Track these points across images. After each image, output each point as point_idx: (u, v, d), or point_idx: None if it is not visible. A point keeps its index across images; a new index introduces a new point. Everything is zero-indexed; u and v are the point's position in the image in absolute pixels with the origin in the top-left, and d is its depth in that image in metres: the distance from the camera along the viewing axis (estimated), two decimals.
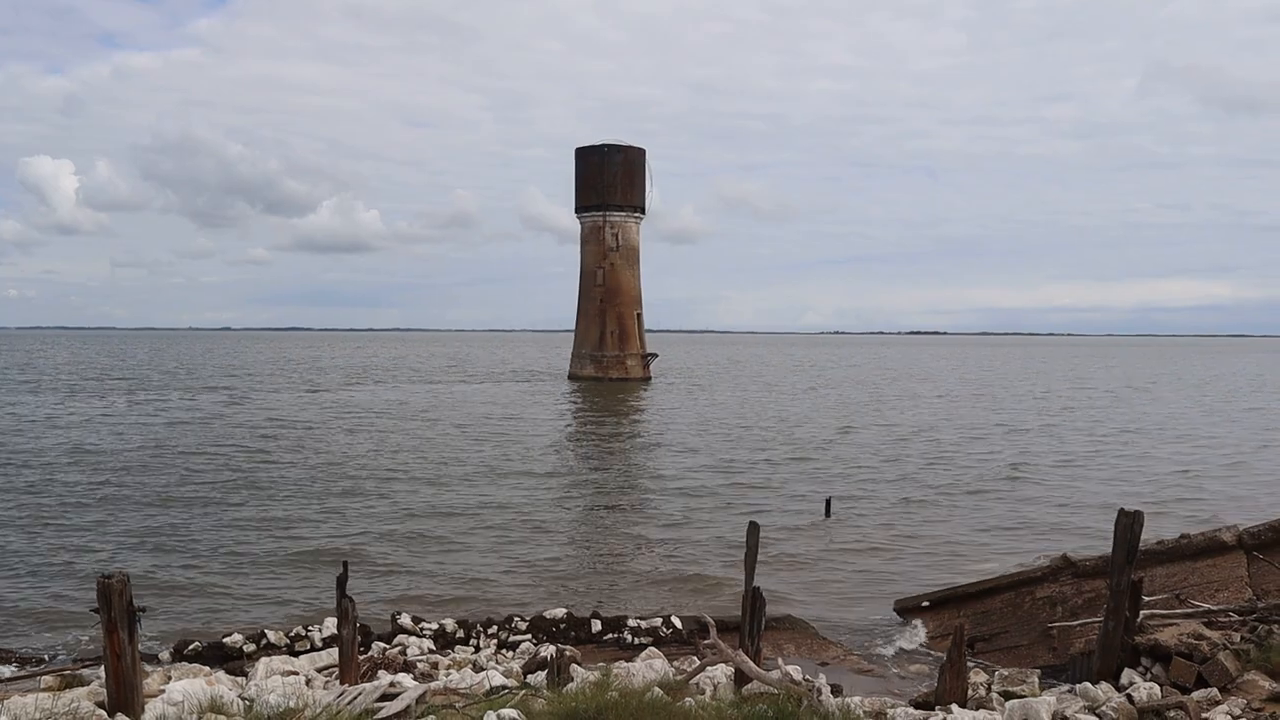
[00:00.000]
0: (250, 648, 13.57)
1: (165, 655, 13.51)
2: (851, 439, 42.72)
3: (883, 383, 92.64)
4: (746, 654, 10.43)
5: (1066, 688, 10.76)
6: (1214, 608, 12.15)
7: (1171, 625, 11.39)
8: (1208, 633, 10.92)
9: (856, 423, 50.65)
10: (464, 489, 28.43)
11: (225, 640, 13.80)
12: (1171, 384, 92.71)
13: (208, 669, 12.31)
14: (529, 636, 14.17)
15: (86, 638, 14.64)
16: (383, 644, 13.67)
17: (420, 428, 45.59)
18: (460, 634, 14.31)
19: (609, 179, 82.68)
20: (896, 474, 32.31)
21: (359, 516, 24.34)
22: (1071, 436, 44.42)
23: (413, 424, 47.44)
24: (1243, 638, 10.79)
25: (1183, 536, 14.13)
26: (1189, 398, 73.07)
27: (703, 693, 10.25)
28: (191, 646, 13.67)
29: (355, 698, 8.99)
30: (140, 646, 9.11)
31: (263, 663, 12.23)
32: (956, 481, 30.74)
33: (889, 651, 14.81)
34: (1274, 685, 9.66)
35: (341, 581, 10.81)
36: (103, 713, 8.65)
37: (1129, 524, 10.40)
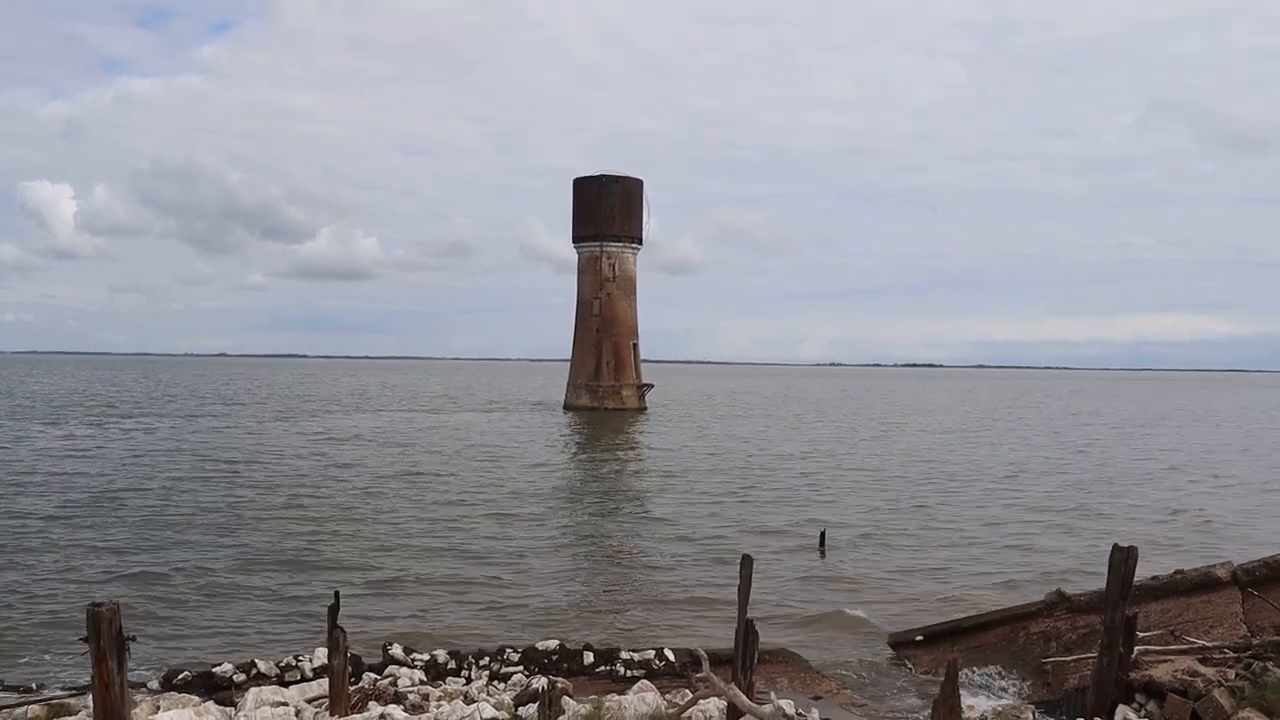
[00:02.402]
0: (240, 677, 13.47)
1: (154, 684, 13.41)
2: (847, 472, 42.66)
3: (881, 415, 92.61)
4: (739, 687, 10.37)
5: None
6: (1209, 644, 12.12)
7: (1166, 662, 11.35)
8: (1202, 669, 10.89)
9: (853, 455, 50.61)
10: (456, 519, 28.33)
11: (215, 670, 13.69)
12: (1184, 417, 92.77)
13: (197, 699, 12.21)
14: (521, 668, 14.08)
15: (74, 666, 14.55)
16: (373, 675, 13.58)
17: (414, 457, 45.49)
18: (452, 665, 14.22)
19: (606, 209, 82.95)
20: (893, 507, 32.25)
21: (351, 547, 24.25)
22: (1077, 469, 44.37)
23: (407, 453, 47.35)
24: (1237, 675, 10.75)
25: (1177, 572, 14.11)
26: (1205, 431, 73.10)
27: None
28: (181, 676, 13.57)
29: None
30: (129, 675, 9.04)
31: (252, 693, 12.14)
32: (955, 515, 30.68)
33: (882, 686, 14.73)
34: None
35: (333, 611, 10.76)
36: None
37: (1123, 559, 10.39)
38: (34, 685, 13.96)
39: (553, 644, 14.76)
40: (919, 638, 15.67)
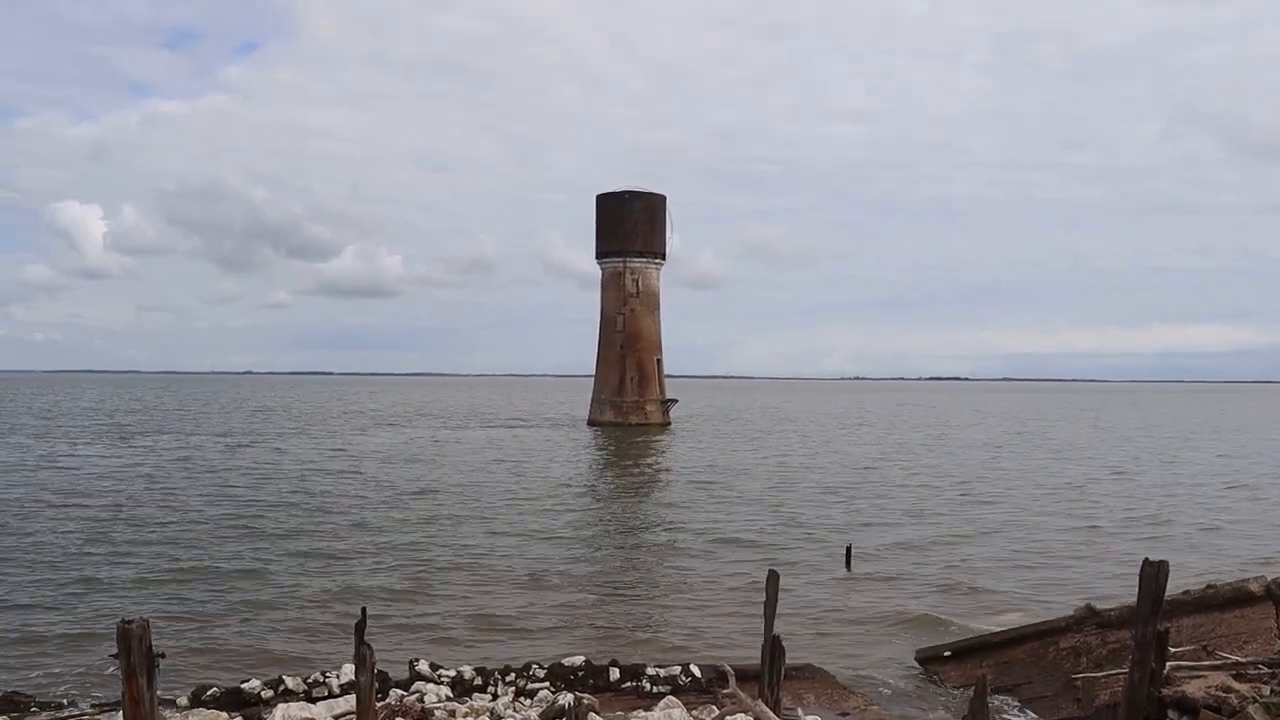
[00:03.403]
0: (268, 694, 13.50)
1: (183, 701, 13.45)
2: (876, 487, 42.47)
3: (909, 429, 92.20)
4: (766, 703, 10.34)
5: None
6: (1242, 659, 11.98)
7: (1199, 677, 11.23)
8: (1236, 685, 10.76)
9: (881, 470, 50.41)
10: (483, 535, 28.37)
11: (243, 686, 13.73)
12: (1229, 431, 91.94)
13: (225, 715, 12.26)
14: (547, 684, 14.06)
15: (104, 683, 14.63)
16: (400, 691, 13.59)
17: (438, 474, 45.60)
18: (478, 681, 14.21)
19: (629, 225, 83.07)
20: (921, 521, 32.09)
21: (377, 562, 24.32)
22: (1115, 487, 44.04)
23: (431, 470, 47.47)
24: (1272, 690, 10.62)
25: (1209, 587, 13.96)
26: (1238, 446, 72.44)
27: None
28: (210, 692, 13.61)
29: None
30: (159, 692, 9.09)
31: (280, 709, 12.17)
32: (984, 531, 30.49)
33: (910, 702, 14.63)
34: None
35: (360, 627, 10.77)
36: None
37: (1154, 574, 10.28)
38: (65, 702, 14.05)
39: (579, 660, 14.74)
40: (947, 653, 15.55)
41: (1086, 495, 39.85)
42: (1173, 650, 11.56)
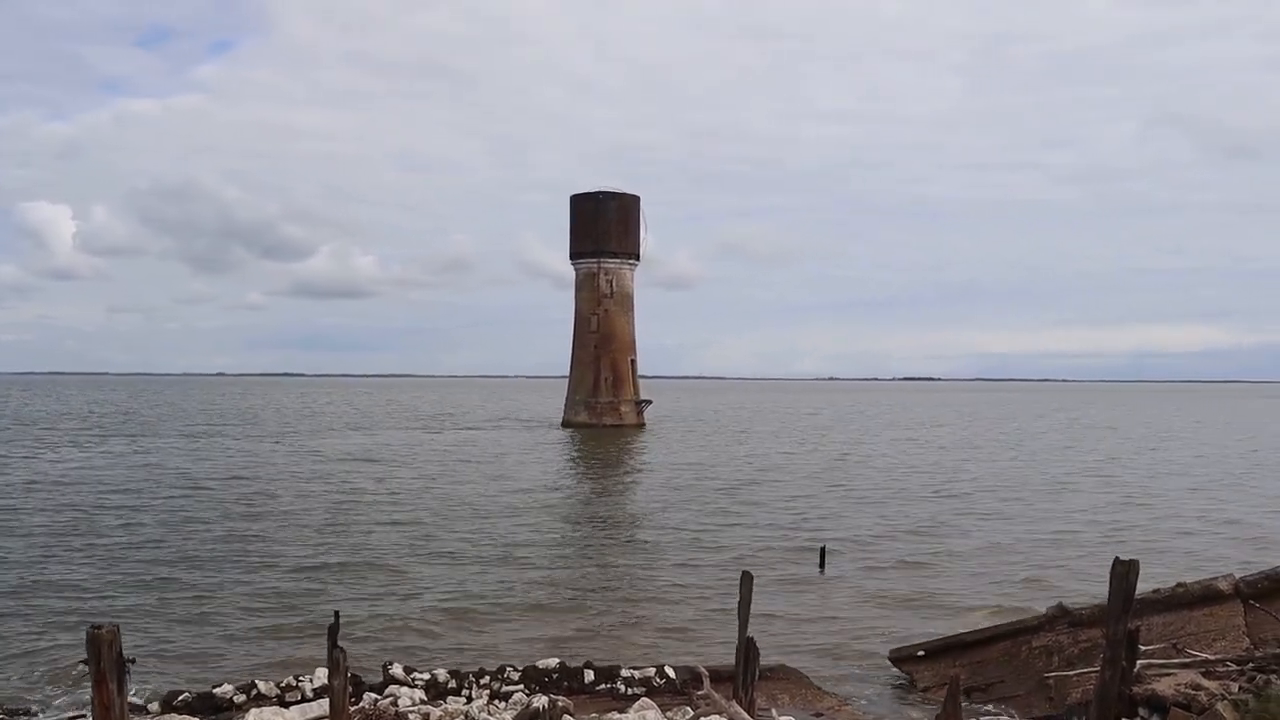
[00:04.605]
0: (240, 698, 13.42)
1: (154, 707, 13.35)
2: (849, 487, 42.64)
3: (882, 429, 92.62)
4: (740, 704, 10.36)
5: None
6: (1211, 657, 12.10)
7: (1169, 675, 11.33)
8: (1205, 683, 10.87)
9: (855, 471, 50.60)
10: (455, 537, 28.28)
11: (215, 691, 13.64)
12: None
13: None
14: (521, 687, 14.03)
15: (74, 689, 14.50)
16: (374, 695, 13.53)
17: (412, 476, 45.44)
18: (452, 684, 14.17)
19: (604, 226, 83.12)
20: (894, 522, 32.22)
21: (349, 566, 24.19)
22: (1087, 487, 44.37)
23: (404, 472, 47.29)
24: (1241, 688, 10.73)
25: (1179, 585, 14.09)
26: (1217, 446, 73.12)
27: None
28: (181, 697, 13.52)
29: None
30: (129, 698, 9.02)
31: (252, 713, 12.10)
32: (957, 530, 30.67)
33: (884, 701, 14.69)
34: None
35: (333, 631, 10.73)
36: None
37: (1124, 573, 10.37)
38: (33, 709, 13.92)
39: (553, 662, 14.73)
40: (920, 653, 15.62)
41: (1060, 494, 40.16)
42: (1143, 648, 11.66)
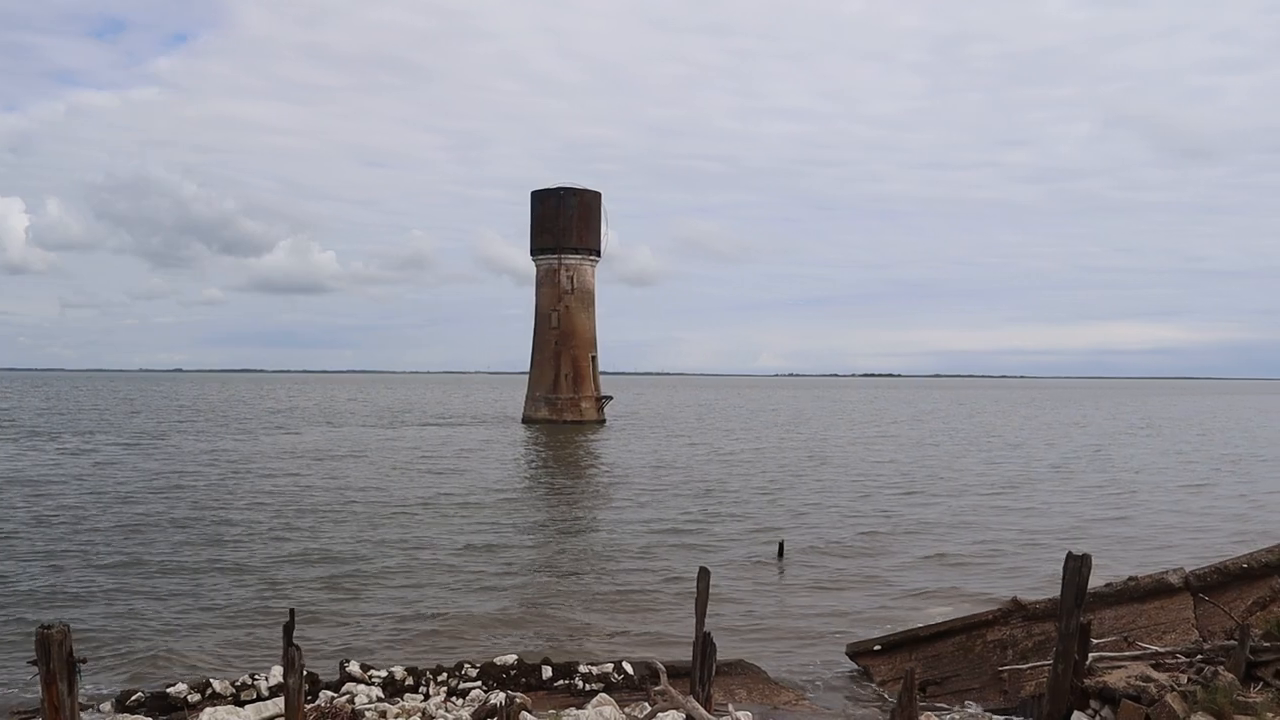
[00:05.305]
0: (195, 697, 13.28)
1: (107, 707, 13.19)
2: (807, 482, 42.86)
3: (842, 425, 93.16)
4: (698, 700, 10.39)
5: None
6: (1161, 650, 12.28)
7: (1120, 668, 11.48)
8: (1155, 675, 11.02)
9: (813, 466, 50.85)
10: (413, 535, 28.15)
11: (169, 690, 13.49)
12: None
13: None
14: (479, 684, 13.99)
15: (23, 690, 14.29)
16: (330, 693, 13.44)
17: (370, 473, 45.15)
18: (410, 681, 14.10)
19: (565, 222, 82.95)
20: (853, 517, 32.43)
21: (306, 563, 24.02)
22: (1043, 480, 44.84)
23: (362, 469, 46.98)
24: (1189, 679, 10.89)
25: (1131, 579, 14.29)
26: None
27: None
28: (135, 697, 13.36)
29: None
30: (80, 698, 8.90)
31: (207, 713, 11.98)
32: (916, 526, 30.90)
33: (841, 696, 14.79)
34: None
35: (288, 629, 10.64)
36: None
37: (1077, 567, 10.50)
38: None
39: (511, 659, 14.69)
40: (877, 647, 15.74)
41: (1018, 489, 40.58)
42: (1095, 641, 11.83)
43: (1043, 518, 32.76)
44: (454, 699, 13.58)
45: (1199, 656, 11.80)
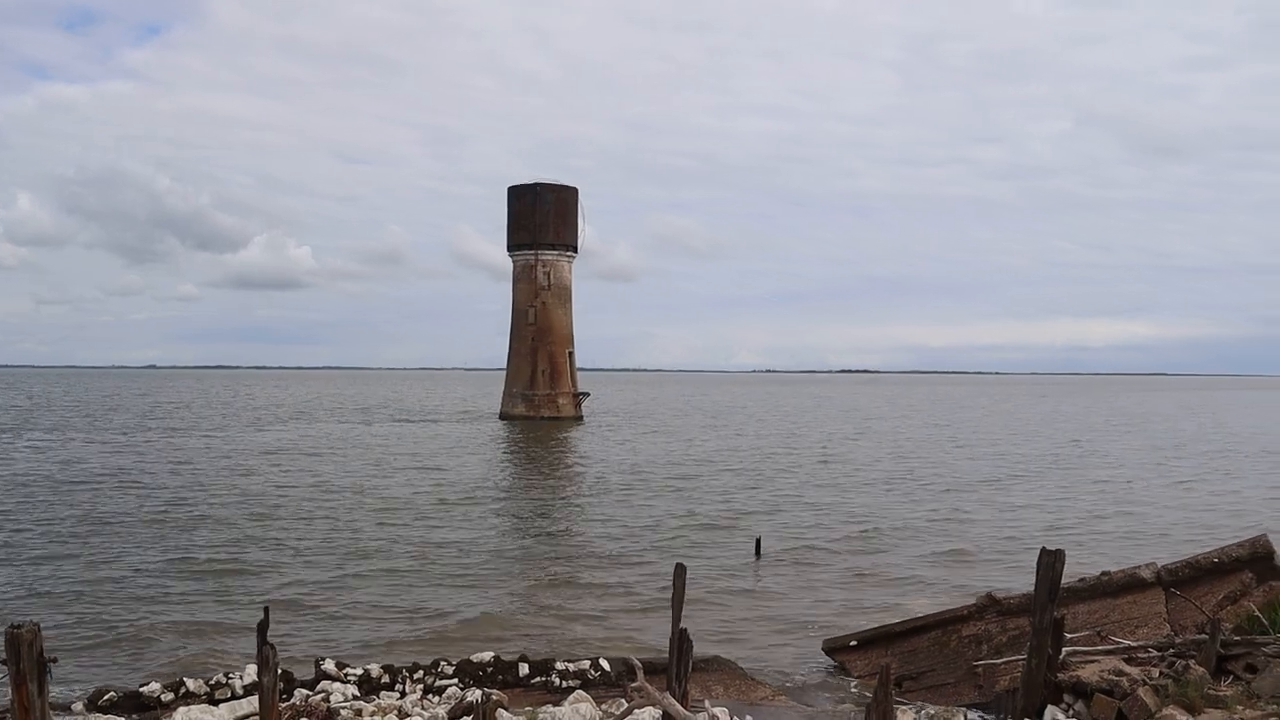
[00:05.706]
0: (168, 697, 13.19)
1: (78, 707, 13.07)
2: (784, 479, 42.95)
3: (817, 422, 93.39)
4: (674, 696, 10.39)
5: None
6: (1134, 644, 12.37)
7: (1093, 662, 11.56)
8: (1128, 669, 11.10)
9: (792, 462, 50.96)
10: (388, 532, 28.05)
11: (142, 690, 13.39)
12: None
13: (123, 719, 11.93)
14: (456, 681, 13.96)
15: None
16: (305, 691, 13.38)
17: (343, 469, 44.97)
18: (385, 679, 14.05)
19: (541, 218, 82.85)
20: (830, 512, 32.52)
21: (279, 561, 23.89)
22: (1013, 482, 45.10)
23: (336, 466, 46.79)
24: (1161, 673, 10.99)
25: (1104, 574, 14.39)
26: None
27: None
28: (107, 697, 13.25)
29: None
30: (51, 698, 8.82)
31: (180, 712, 11.90)
32: (892, 522, 31.02)
33: (817, 691, 14.83)
34: None
35: (262, 627, 10.57)
36: None
37: (1051, 562, 10.57)
38: None
39: (487, 656, 14.66)
40: (853, 643, 15.80)
41: (995, 487, 40.79)
42: (1069, 636, 11.90)
43: (1022, 513, 32.96)
44: (430, 697, 13.55)
45: (1171, 651, 11.90)
